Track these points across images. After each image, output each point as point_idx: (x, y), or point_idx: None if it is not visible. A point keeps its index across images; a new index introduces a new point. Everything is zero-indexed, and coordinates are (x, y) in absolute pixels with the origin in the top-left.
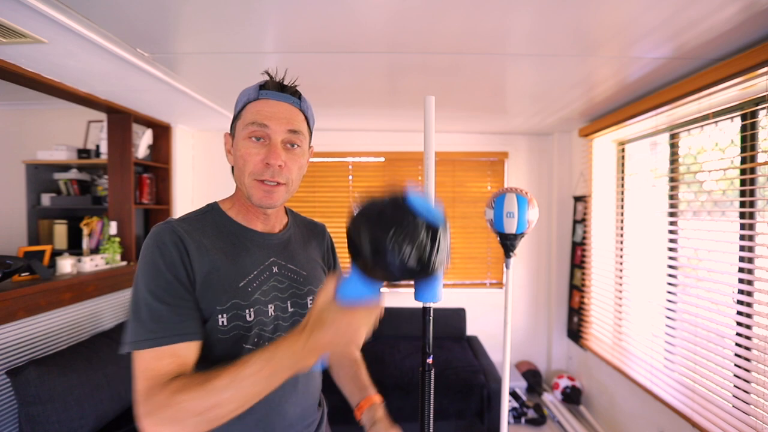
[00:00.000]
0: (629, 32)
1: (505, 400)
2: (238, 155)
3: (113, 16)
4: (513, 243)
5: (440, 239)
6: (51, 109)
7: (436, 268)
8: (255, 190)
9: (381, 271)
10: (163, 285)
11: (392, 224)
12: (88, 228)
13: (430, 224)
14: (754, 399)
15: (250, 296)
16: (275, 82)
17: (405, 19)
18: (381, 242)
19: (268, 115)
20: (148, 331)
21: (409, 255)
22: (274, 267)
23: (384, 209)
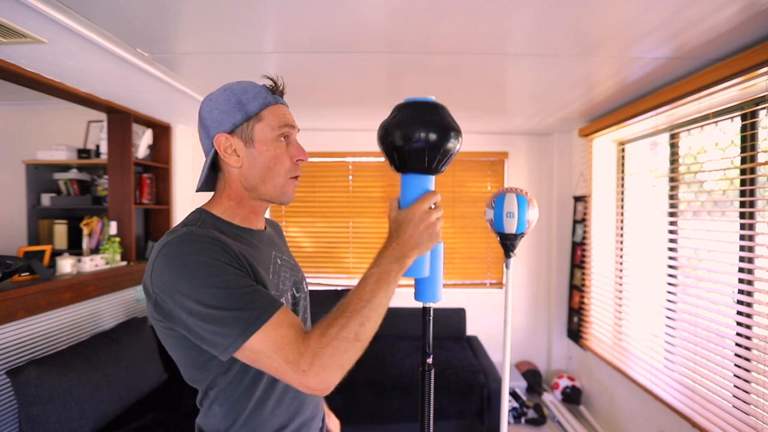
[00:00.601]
0: (629, 32)
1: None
2: (268, 155)
3: (113, 16)
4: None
5: (439, 109)
6: (51, 109)
7: (451, 128)
8: (289, 186)
9: (417, 155)
10: (237, 275)
11: (403, 119)
12: (88, 228)
13: (427, 103)
14: (754, 399)
15: (279, 286)
16: (280, 89)
17: (405, 19)
18: (405, 132)
19: (292, 119)
20: (256, 309)
21: (427, 127)
22: (278, 259)
23: (393, 117)
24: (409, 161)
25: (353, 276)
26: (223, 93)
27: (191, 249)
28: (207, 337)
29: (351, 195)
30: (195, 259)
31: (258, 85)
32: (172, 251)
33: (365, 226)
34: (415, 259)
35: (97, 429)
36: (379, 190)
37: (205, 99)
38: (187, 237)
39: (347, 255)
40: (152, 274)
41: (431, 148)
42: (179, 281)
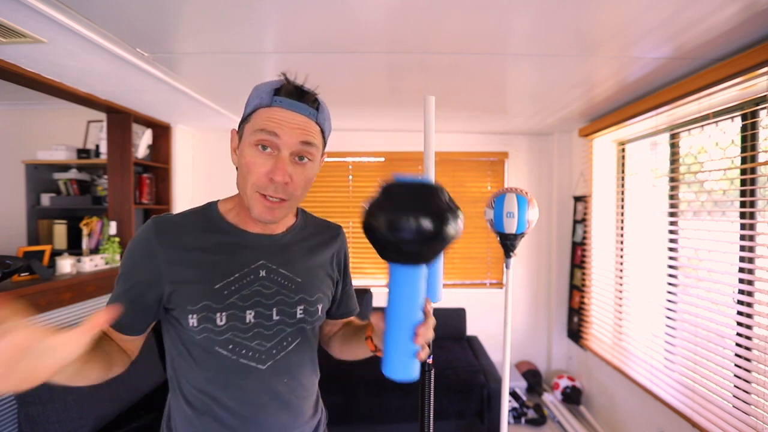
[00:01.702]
0: (629, 32)
1: (505, 400)
2: (242, 162)
3: (113, 16)
4: (513, 243)
5: (437, 192)
6: (51, 109)
7: (450, 218)
8: (255, 203)
9: (408, 245)
10: (121, 282)
11: (392, 201)
12: (88, 228)
13: (424, 185)
14: (755, 399)
15: (224, 300)
16: (292, 88)
17: (405, 19)
18: (392, 218)
19: (279, 122)
20: (109, 299)
21: (420, 214)
22: (262, 271)
23: (380, 197)
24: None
25: (354, 276)
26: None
27: (135, 237)
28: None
29: (351, 195)
30: (129, 246)
31: (274, 83)
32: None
33: None
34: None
35: (96, 429)
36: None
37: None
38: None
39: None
40: None
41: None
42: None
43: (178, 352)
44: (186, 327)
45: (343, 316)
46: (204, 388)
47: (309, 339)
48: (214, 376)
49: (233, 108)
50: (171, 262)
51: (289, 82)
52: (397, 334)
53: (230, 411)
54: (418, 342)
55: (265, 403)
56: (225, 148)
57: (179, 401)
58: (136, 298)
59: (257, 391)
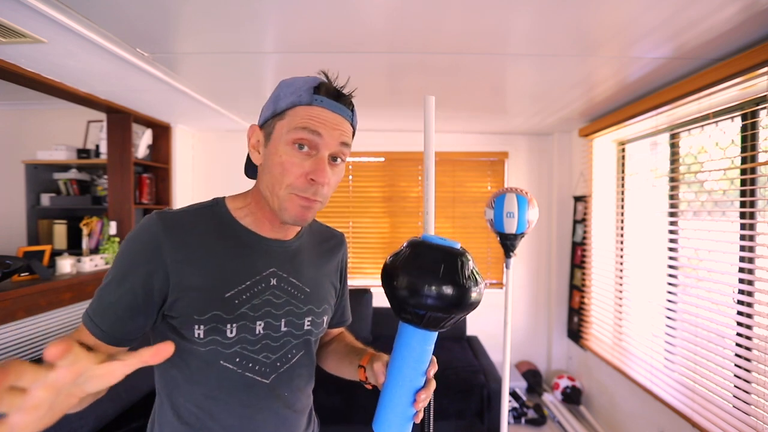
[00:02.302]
0: (629, 32)
1: (505, 400)
2: (275, 161)
3: (113, 16)
4: (513, 243)
5: (464, 261)
6: (51, 109)
7: (471, 290)
8: (290, 204)
9: (426, 311)
10: (116, 284)
11: (419, 264)
12: (88, 228)
13: (449, 249)
14: (755, 399)
15: (235, 310)
16: (333, 89)
17: (405, 19)
18: (416, 282)
19: (322, 122)
20: (92, 309)
21: (444, 284)
22: (273, 279)
23: (406, 255)
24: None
25: (353, 276)
26: (277, 86)
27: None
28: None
29: (351, 195)
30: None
31: (309, 81)
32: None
33: (365, 226)
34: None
35: (96, 429)
36: (379, 190)
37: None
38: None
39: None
40: None
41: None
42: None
43: (173, 363)
44: (189, 338)
45: (337, 326)
46: (201, 403)
47: (311, 351)
48: (213, 391)
49: (233, 108)
50: (178, 263)
51: (329, 81)
52: (396, 396)
53: (226, 428)
54: (416, 407)
55: (264, 419)
56: (225, 148)
57: (168, 416)
58: (135, 304)
59: (257, 406)
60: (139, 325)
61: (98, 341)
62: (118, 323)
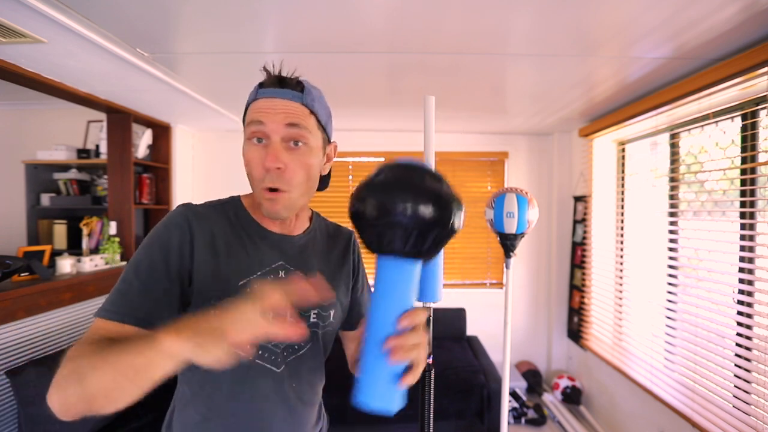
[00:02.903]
0: (629, 32)
1: (505, 400)
2: (244, 160)
3: (113, 16)
4: (513, 243)
5: (442, 178)
6: (51, 109)
7: (453, 205)
8: (261, 198)
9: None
10: (148, 264)
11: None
12: (88, 228)
13: (424, 168)
14: (755, 399)
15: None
16: (273, 78)
17: (405, 19)
18: (384, 199)
19: (265, 111)
20: (111, 302)
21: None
22: (281, 271)
23: (372, 178)
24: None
25: None
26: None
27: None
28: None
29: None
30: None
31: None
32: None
33: None
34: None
35: (96, 429)
36: None
37: None
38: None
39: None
40: None
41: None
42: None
43: None
44: None
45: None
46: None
47: (319, 344)
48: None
49: (233, 108)
50: (202, 246)
51: (269, 74)
52: (372, 350)
53: (236, 414)
54: (392, 360)
55: (273, 408)
56: (225, 148)
57: (184, 403)
58: (167, 285)
59: (267, 394)
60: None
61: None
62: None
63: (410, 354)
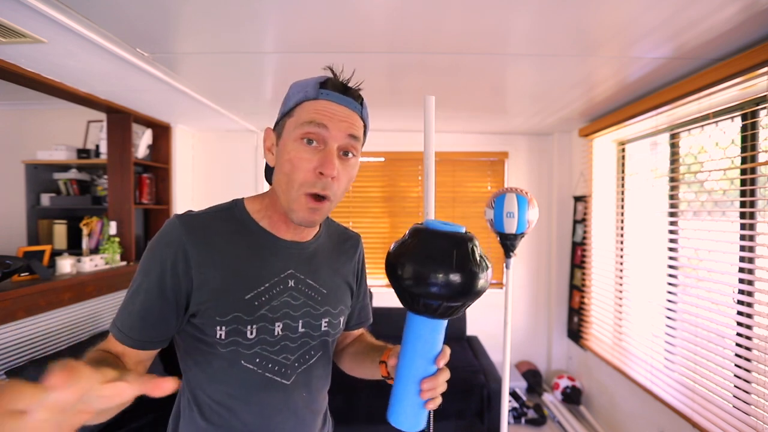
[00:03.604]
0: (629, 32)
1: (505, 400)
2: (285, 158)
3: (113, 16)
4: (513, 243)
5: (471, 245)
6: (51, 109)
7: (479, 276)
8: (299, 205)
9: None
10: (144, 288)
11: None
12: (88, 228)
13: (454, 235)
14: (755, 399)
15: (255, 311)
16: (338, 82)
17: (405, 19)
18: (421, 270)
19: (329, 115)
20: (120, 320)
21: (451, 270)
22: (291, 280)
23: (410, 243)
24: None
25: None
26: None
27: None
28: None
29: (351, 195)
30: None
31: (318, 78)
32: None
33: (365, 226)
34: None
35: (96, 429)
36: (379, 190)
37: None
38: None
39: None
40: None
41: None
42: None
43: (195, 362)
44: (211, 339)
45: (356, 327)
46: (223, 401)
47: (329, 352)
48: (236, 390)
49: (233, 108)
50: (200, 264)
51: (335, 76)
52: (407, 386)
53: (248, 426)
54: (422, 396)
55: (284, 419)
56: (225, 148)
57: (192, 413)
58: (163, 307)
59: (278, 406)
60: (168, 326)
61: (126, 348)
62: (146, 328)
63: (441, 389)
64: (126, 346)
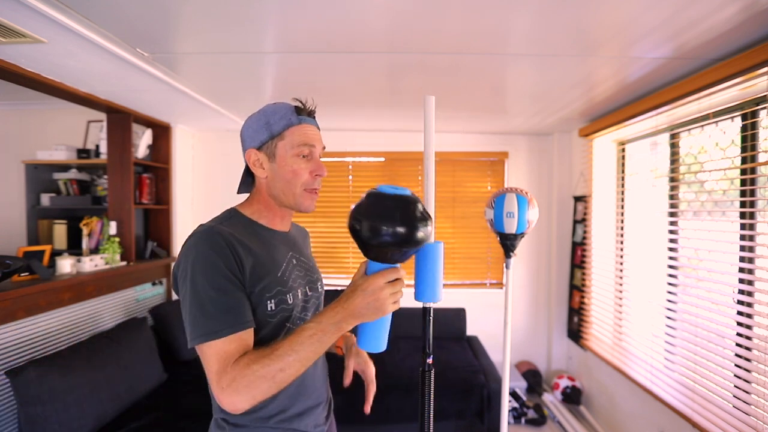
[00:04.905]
0: (629, 32)
1: (505, 401)
2: (286, 170)
3: (113, 16)
4: (513, 243)
5: (413, 205)
6: (51, 109)
7: (418, 227)
8: (305, 198)
9: (386, 248)
10: (225, 282)
11: (373, 210)
12: (88, 228)
13: (399, 197)
14: (755, 399)
15: (287, 283)
16: (308, 109)
17: (405, 19)
18: (374, 224)
19: (314, 138)
20: (221, 321)
21: (397, 223)
22: (294, 259)
23: (365, 204)
24: (382, 252)
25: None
26: (258, 114)
27: (204, 244)
28: (186, 322)
29: (351, 195)
30: (198, 256)
31: (288, 107)
32: (193, 242)
33: None
34: (354, 325)
35: (96, 429)
36: None
37: (247, 118)
38: (207, 234)
39: (347, 255)
40: (178, 257)
41: (398, 243)
42: (189, 268)
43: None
44: (263, 312)
45: None
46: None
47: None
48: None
49: (233, 108)
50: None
51: (304, 104)
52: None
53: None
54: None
55: (313, 370)
56: (225, 148)
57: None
58: (243, 294)
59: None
60: (248, 303)
61: (241, 334)
62: (246, 309)
63: (392, 298)
64: (241, 331)
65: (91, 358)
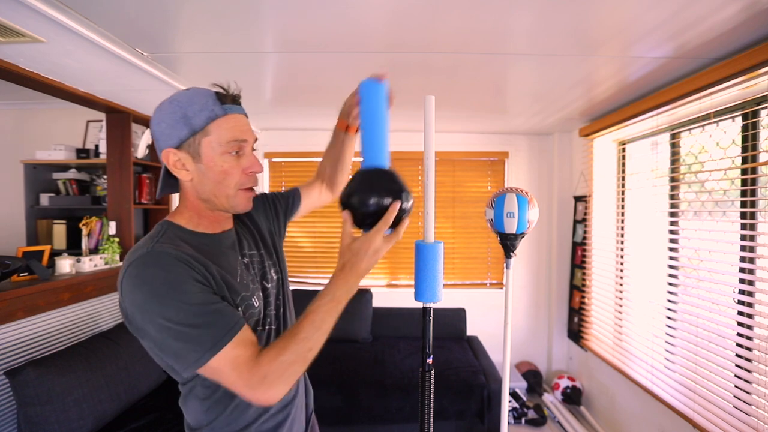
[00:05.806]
0: (630, 32)
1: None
2: (216, 171)
3: (113, 15)
4: (513, 243)
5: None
6: (50, 108)
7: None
8: (240, 199)
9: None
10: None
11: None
12: (87, 228)
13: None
14: (755, 399)
15: (248, 287)
16: (231, 96)
17: (405, 19)
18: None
19: (244, 130)
20: (219, 328)
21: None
22: (245, 258)
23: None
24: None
25: None
26: (170, 105)
27: (155, 269)
28: (175, 353)
29: None
30: (161, 278)
31: (207, 94)
32: (137, 272)
33: None
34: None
35: (96, 430)
36: None
37: (156, 108)
38: (148, 257)
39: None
40: (122, 292)
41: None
42: (147, 300)
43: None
44: None
45: (305, 189)
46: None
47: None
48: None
49: None
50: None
51: (226, 90)
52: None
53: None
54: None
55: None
56: None
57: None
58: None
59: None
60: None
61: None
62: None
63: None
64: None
65: (90, 358)
